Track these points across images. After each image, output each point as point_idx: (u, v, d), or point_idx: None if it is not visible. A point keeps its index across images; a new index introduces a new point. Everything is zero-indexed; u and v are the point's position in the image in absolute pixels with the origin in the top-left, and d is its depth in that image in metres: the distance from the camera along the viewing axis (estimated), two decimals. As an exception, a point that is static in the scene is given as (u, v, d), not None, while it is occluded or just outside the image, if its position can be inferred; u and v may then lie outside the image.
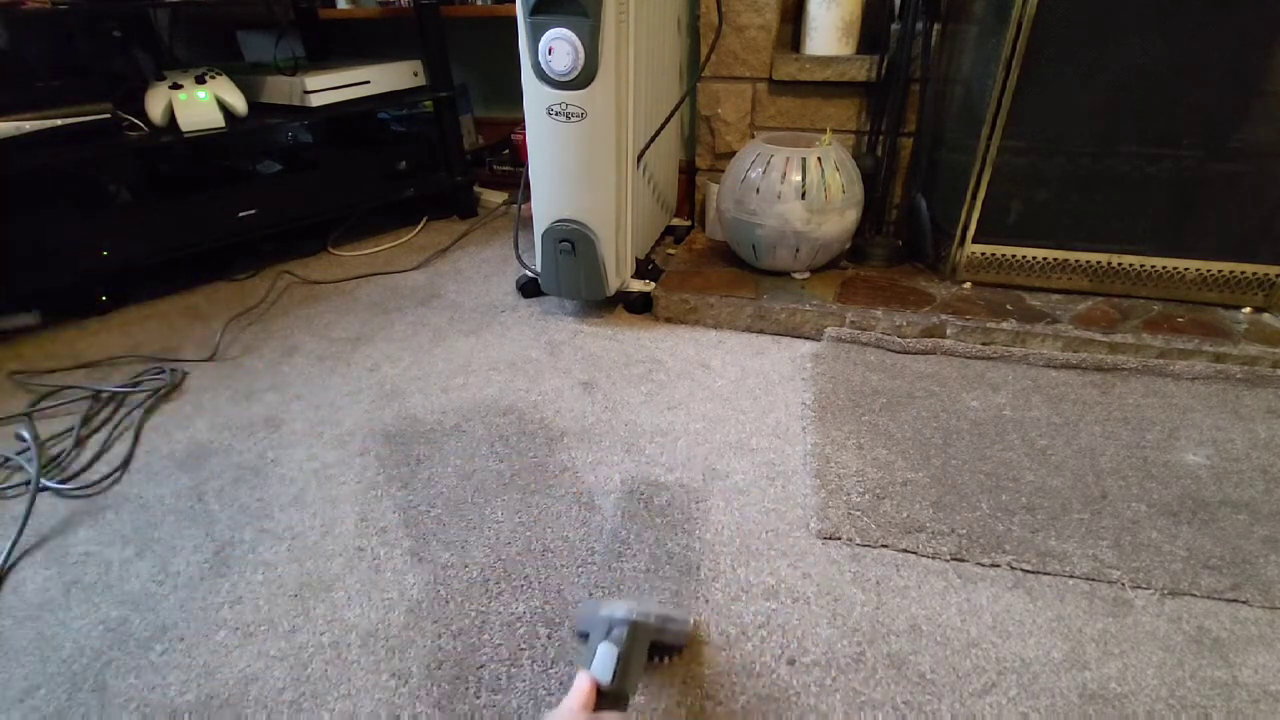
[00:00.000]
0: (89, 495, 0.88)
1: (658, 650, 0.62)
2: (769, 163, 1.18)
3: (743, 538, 0.78)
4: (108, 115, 1.28)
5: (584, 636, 0.58)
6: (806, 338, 1.20)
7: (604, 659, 0.53)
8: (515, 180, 1.93)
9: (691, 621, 0.66)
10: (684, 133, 1.60)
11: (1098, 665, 0.63)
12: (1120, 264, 1.17)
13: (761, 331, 1.23)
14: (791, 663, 0.64)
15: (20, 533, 0.81)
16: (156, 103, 1.33)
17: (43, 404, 1.06)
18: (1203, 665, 0.63)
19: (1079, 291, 1.21)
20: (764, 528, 0.79)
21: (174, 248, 1.37)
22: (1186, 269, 1.14)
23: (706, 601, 0.70)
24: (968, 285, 1.25)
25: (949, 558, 0.74)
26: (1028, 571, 0.73)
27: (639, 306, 1.30)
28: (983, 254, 1.22)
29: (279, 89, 1.50)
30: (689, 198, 1.64)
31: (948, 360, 1.10)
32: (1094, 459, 0.88)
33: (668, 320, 1.27)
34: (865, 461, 0.88)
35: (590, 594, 0.71)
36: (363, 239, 1.69)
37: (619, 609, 0.59)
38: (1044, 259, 1.19)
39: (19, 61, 1.47)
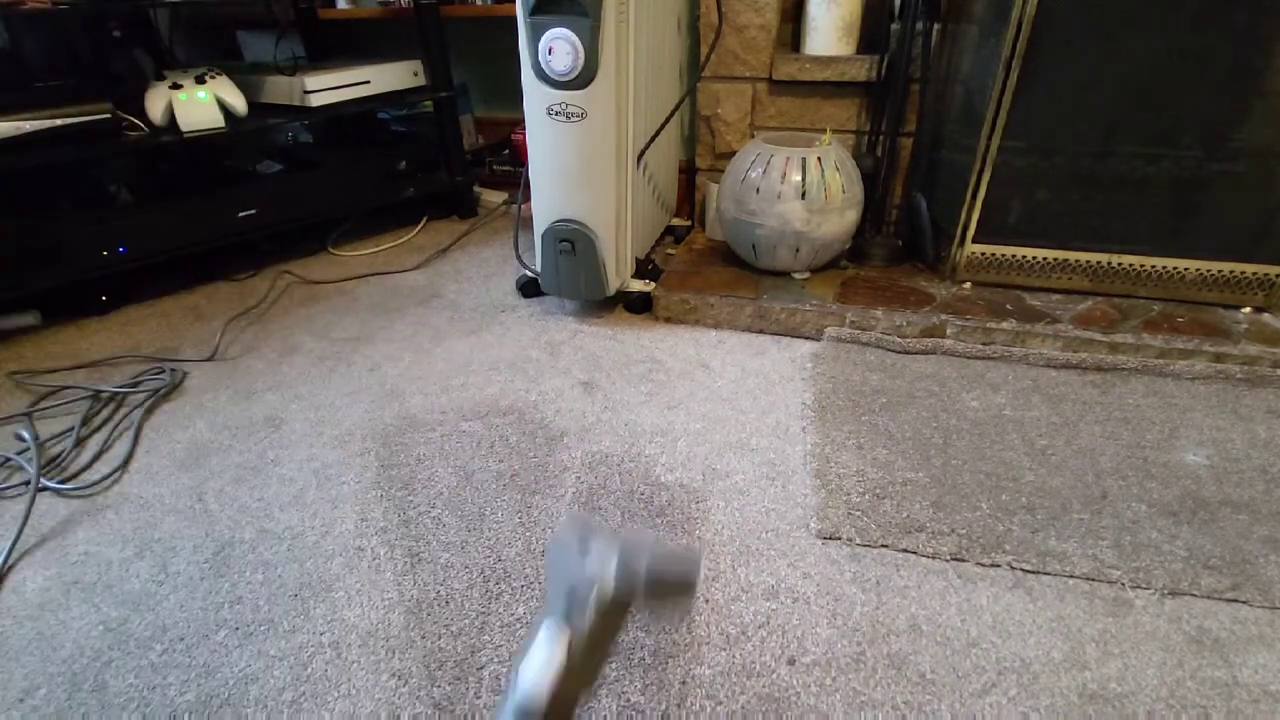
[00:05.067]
0: (89, 495, 0.88)
1: (660, 597, 0.45)
2: (769, 163, 1.18)
3: (742, 538, 0.78)
4: (108, 115, 1.28)
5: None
6: (806, 338, 1.20)
7: (538, 660, 0.37)
8: (515, 180, 1.93)
9: (699, 561, 0.48)
10: (684, 133, 1.60)
11: (1098, 665, 0.63)
12: (1120, 264, 1.17)
13: (761, 331, 1.23)
14: (791, 663, 0.64)
15: (20, 533, 0.81)
16: (156, 103, 1.33)
17: (43, 404, 1.06)
18: (1203, 665, 0.63)
19: (1079, 291, 1.21)
20: (764, 528, 0.79)
21: (174, 248, 1.37)
22: (1186, 269, 1.14)
23: (706, 601, 0.70)
24: (968, 285, 1.25)
25: (949, 558, 0.74)
26: (1028, 571, 0.73)
27: (639, 306, 1.29)
28: (983, 254, 1.22)
29: (279, 89, 1.50)
30: (689, 198, 1.64)
31: (948, 360, 1.10)
32: (1094, 459, 0.88)
33: (668, 320, 1.27)
34: (865, 461, 0.88)
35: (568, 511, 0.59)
36: (363, 239, 1.69)
37: (596, 561, 0.42)
38: (1044, 259, 1.19)
39: (19, 61, 1.47)
